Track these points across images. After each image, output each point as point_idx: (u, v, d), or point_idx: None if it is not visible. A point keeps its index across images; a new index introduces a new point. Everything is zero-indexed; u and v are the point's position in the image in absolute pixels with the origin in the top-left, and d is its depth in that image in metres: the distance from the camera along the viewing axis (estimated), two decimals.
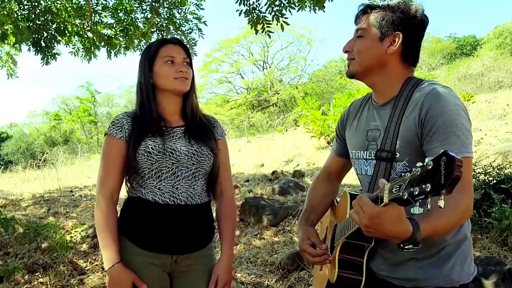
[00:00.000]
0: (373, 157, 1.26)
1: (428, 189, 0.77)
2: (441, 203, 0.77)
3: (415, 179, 0.81)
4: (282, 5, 3.93)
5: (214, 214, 1.64)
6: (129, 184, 1.52)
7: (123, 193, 1.56)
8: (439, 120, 1.13)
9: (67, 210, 5.44)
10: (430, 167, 0.77)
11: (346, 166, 1.53)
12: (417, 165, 0.81)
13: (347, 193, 1.32)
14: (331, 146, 10.38)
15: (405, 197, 0.83)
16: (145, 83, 1.51)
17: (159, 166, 1.44)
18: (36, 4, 4.45)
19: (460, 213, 1.09)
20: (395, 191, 0.87)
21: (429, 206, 0.79)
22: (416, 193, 0.79)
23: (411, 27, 1.25)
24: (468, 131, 1.14)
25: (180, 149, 1.46)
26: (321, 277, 1.44)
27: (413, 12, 1.25)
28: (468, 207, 1.11)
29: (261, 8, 4.01)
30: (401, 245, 0.98)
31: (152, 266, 1.45)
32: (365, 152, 1.31)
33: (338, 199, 1.49)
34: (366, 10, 1.30)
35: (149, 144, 1.44)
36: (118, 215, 1.53)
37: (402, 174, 0.86)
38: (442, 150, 0.76)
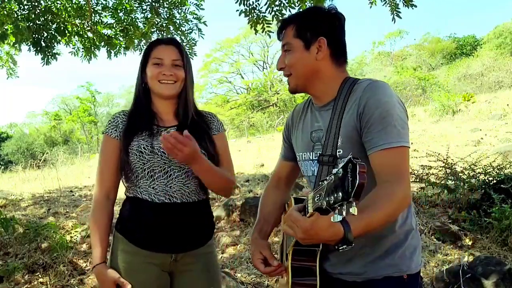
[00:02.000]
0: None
1: (340, 198, 0.77)
2: (353, 210, 0.77)
3: (330, 188, 0.82)
4: (282, 5, 3.92)
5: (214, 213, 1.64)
6: (125, 184, 1.53)
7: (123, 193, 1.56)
8: (375, 112, 1.16)
9: (67, 210, 5.44)
10: (340, 174, 0.78)
11: (294, 170, 1.52)
12: (332, 171, 0.82)
13: (292, 199, 1.34)
14: None
15: (324, 206, 0.84)
16: (138, 83, 1.54)
17: (151, 165, 1.44)
18: (36, 4, 4.44)
19: (396, 203, 1.10)
20: (316, 200, 0.89)
21: (344, 213, 0.79)
22: (332, 202, 0.81)
23: (330, 28, 1.28)
24: (403, 121, 1.17)
25: None
26: (283, 284, 1.43)
27: (326, 13, 1.28)
28: (404, 197, 1.12)
29: (261, 8, 3.99)
30: (336, 247, 1.00)
31: (152, 266, 1.45)
32: (311, 153, 1.33)
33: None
34: (284, 25, 1.32)
35: (142, 144, 1.44)
36: (118, 215, 1.54)
37: (321, 182, 0.87)
38: (349, 157, 0.77)
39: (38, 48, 4.57)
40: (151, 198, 1.45)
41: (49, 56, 4.67)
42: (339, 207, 0.80)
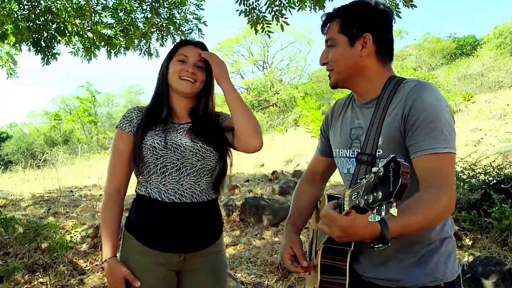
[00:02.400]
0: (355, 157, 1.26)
1: (380, 197, 0.75)
2: (393, 211, 0.75)
3: (370, 186, 0.80)
4: (282, 5, 3.92)
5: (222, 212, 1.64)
6: (137, 178, 1.54)
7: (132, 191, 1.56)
8: (422, 114, 1.12)
9: (67, 210, 5.44)
10: (381, 173, 0.76)
11: (330, 166, 1.49)
12: (372, 170, 0.80)
13: (325, 195, 1.31)
14: None
15: (361, 205, 0.82)
16: (162, 79, 1.55)
17: (164, 161, 1.45)
18: (36, 4, 4.44)
19: (439, 211, 1.07)
20: (354, 198, 0.87)
21: (383, 214, 0.77)
22: (370, 201, 0.79)
23: (377, 24, 1.24)
24: (451, 126, 1.13)
25: (186, 145, 1.46)
26: (311, 280, 1.42)
27: (374, 8, 1.24)
28: (448, 205, 1.09)
29: (261, 8, 4.00)
30: (371, 244, 0.98)
31: (158, 266, 1.45)
32: (349, 150, 1.30)
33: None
34: (329, 19, 1.29)
35: (156, 139, 1.45)
36: (128, 213, 1.54)
37: (359, 180, 0.86)
38: (392, 155, 0.75)
39: (38, 48, 4.58)
40: (161, 197, 1.45)
41: (49, 56, 4.67)
42: (377, 207, 0.78)
